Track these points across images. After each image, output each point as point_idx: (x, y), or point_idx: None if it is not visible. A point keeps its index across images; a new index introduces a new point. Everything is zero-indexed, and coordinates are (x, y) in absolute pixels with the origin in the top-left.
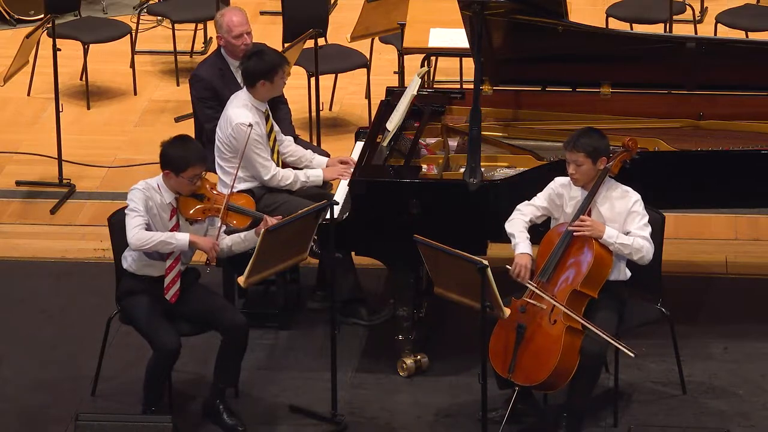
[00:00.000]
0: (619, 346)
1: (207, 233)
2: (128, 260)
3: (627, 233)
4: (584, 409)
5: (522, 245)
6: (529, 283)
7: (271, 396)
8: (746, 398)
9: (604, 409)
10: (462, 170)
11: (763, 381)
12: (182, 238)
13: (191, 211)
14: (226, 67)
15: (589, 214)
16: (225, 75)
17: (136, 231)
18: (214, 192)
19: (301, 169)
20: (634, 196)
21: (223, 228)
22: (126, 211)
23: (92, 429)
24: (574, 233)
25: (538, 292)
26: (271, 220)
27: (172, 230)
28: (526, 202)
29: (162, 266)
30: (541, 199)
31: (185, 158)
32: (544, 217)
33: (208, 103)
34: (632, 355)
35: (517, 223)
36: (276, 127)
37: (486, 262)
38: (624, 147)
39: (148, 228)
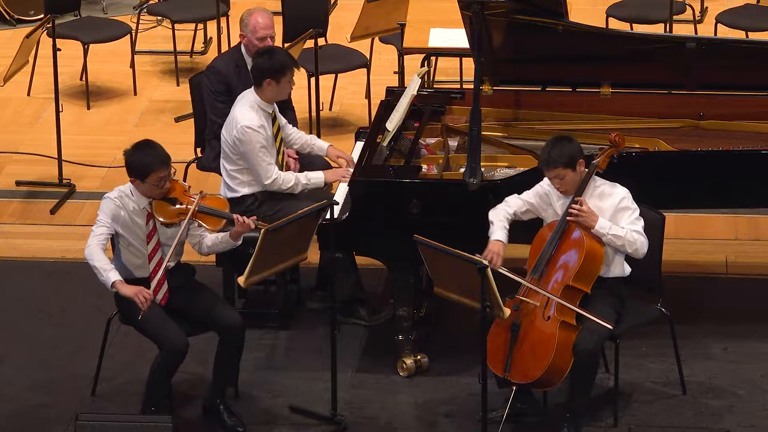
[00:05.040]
0: (606, 324)
1: (189, 233)
2: (116, 266)
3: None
4: (585, 408)
5: (497, 233)
6: (514, 275)
7: (271, 396)
8: (746, 398)
9: (604, 409)
10: (462, 170)
11: (763, 381)
12: (110, 277)
13: (165, 215)
14: (243, 65)
15: None
16: (241, 72)
17: (94, 241)
18: (187, 195)
19: (305, 153)
20: (621, 192)
21: (201, 230)
22: (96, 219)
23: (92, 429)
24: (568, 218)
25: (531, 287)
26: (244, 219)
27: (149, 234)
28: (515, 195)
29: (146, 269)
30: (529, 195)
31: (147, 164)
32: (530, 213)
33: (221, 97)
34: (609, 327)
35: (500, 212)
36: (282, 122)
37: (486, 262)
38: (611, 142)
39: (114, 238)
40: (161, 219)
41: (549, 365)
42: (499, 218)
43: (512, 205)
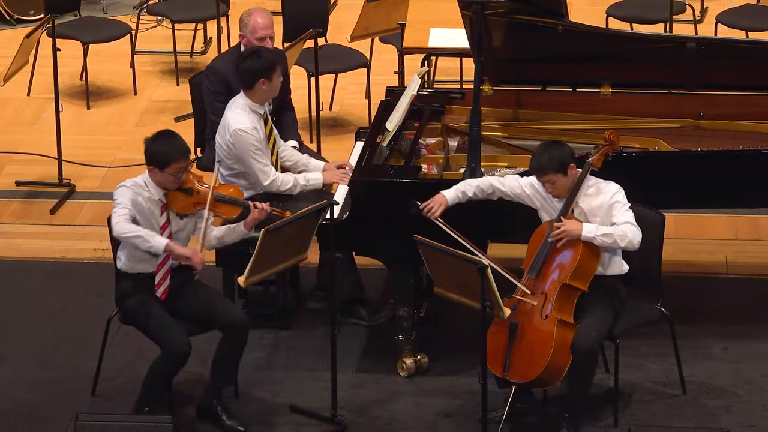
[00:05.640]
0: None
1: (196, 226)
2: (122, 259)
3: (613, 224)
4: (584, 407)
5: (449, 192)
6: (508, 275)
7: (271, 396)
8: (746, 398)
9: (604, 409)
10: (462, 170)
11: (763, 381)
12: (159, 242)
13: (181, 206)
14: None
15: (572, 213)
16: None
17: (120, 220)
18: (202, 185)
19: (298, 173)
20: (613, 188)
21: (210, 220)
22: (114, 206)
23: (92, 429)
24: (557, 245)
25: (524, 289)
26: (260, 206)
27: (163, 226)
28: (516, 176)
29: (154, 261)
30: (526, 182)
31: (167, 154)
32: (520, 200)
33: (221, 97)
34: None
35: (475, 181)
36: (275, 130)
37: (486, 262)
38: (605, 140)
39: (135, 222)
40: (176, 210)
41: (547, 364)
42: (467, 183)
43: (506, 184)
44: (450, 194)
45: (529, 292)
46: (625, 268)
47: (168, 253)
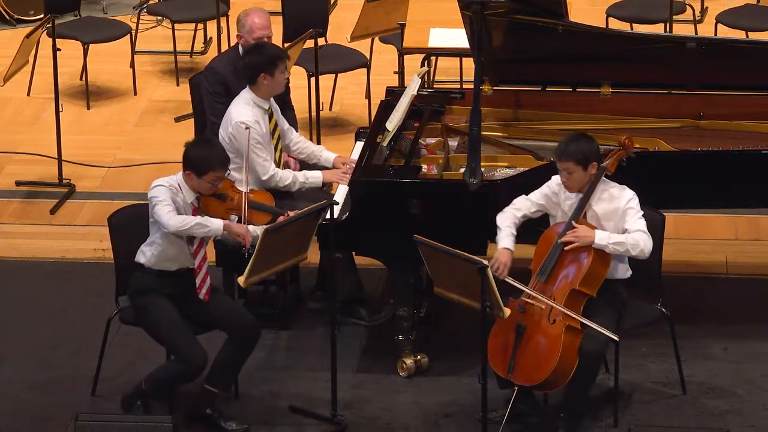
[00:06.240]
0: (611, 336)
1: None
2: (146, 254)
3: (624, 231)
4: (583, 408)
5: (505, 240)
6: (518, 284)
7: (271, 396)
8: (746, 398)
9: (604, 409)
10: (462, 170)
11: (763, 381)
12: (216, 223)
13: (213, 211)
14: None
15: (585, 216)
16: (239, 72)
17: (171, 215)
18: (235, 191)
19: (311, 164)
20: (629, 194)
21: (236, 219)
22: (154, 202)
23: (92, 429)
24: (566, 248)
25: (534, 294)
26: (291, 213)
27: None
28: (523, 196)
29: (181, 260)
30: (537, 195)
31: (207, 161)
32: (540, 213)
33: (220, 98)
34: (615, 339)
35: (507, 216)
36: (283, 125)
37: (486, 262)
38: (620, 145)
39: (154, 225)
40: (210, 214)
41: (554, 369)
42: (506, 224)
43: (521, 207)
44: (509, 244)
45: (541, 297)
46: (629, 273)
47: (225, 231)
